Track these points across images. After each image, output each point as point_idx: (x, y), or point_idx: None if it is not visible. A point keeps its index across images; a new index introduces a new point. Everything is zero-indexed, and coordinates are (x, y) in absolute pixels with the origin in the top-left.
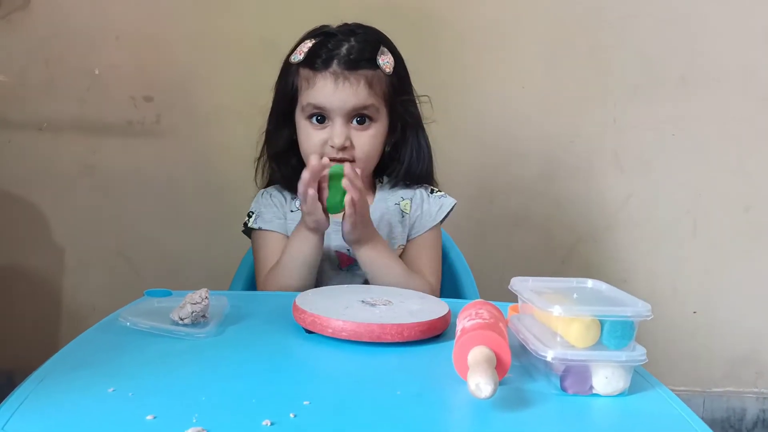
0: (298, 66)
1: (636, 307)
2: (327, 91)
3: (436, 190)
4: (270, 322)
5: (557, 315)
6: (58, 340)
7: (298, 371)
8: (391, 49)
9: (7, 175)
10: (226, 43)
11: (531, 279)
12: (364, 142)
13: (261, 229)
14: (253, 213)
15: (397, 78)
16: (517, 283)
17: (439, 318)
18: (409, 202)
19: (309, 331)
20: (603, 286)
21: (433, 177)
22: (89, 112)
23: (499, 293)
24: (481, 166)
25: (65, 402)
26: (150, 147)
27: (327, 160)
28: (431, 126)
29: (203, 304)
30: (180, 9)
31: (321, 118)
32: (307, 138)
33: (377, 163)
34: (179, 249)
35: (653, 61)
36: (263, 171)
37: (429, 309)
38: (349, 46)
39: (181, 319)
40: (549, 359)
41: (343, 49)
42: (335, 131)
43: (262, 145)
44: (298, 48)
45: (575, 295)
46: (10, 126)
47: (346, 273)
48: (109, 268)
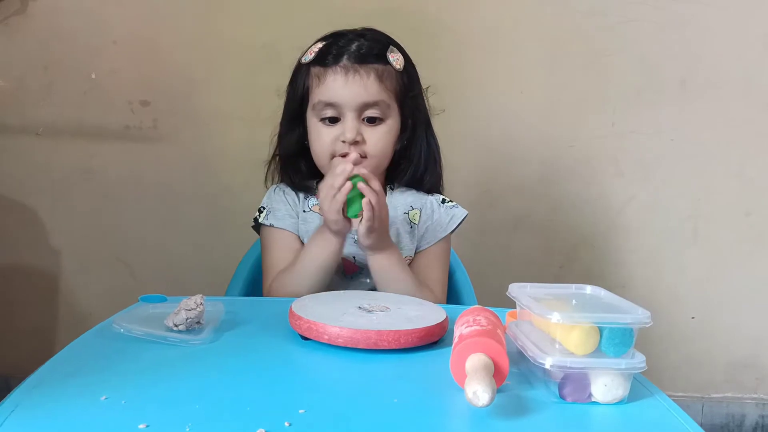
0: (308, 66)
1: (635, 314)
2: (337, 86)
3: (447, 199)
4: (266, 328)
5: (556, 322)
6: (55, 345)
7: (294, 379)
8: (399, 48)
9: (5, 179)
10: (224, 47)
11: (529, 285)
12: (376, 139)
13: (273, 226)
14: (264, 208)
15: (407, 76)
16: (516, 290)
17: (437, 324)
18: (419, 213)
19: (305, 338)
20: (602, 292)
21: (441, 178)
22: (87, 116)
23: (498, 299)
24: (480, 170)
25: (58, 409)
26: (147, 151)
27: (350, 166)
28: (437, 123)
29: (198, 310)
30: (178, 14)
31: (332, 118)
32: (318, 136)
33: (388, 163)
34: (177, 253)
35: (653, 66)
36: (273, 173)
37: (426, 315)
38: (359, 44)
39: (176, 325)
40: (547, 366)
41: (353, 46)
42: (346, 126)
43: (274, 148)
44: (309, 49)
45: (574, 301)
46: (8, 131)
47: (350, 281)
48: (106, 272)
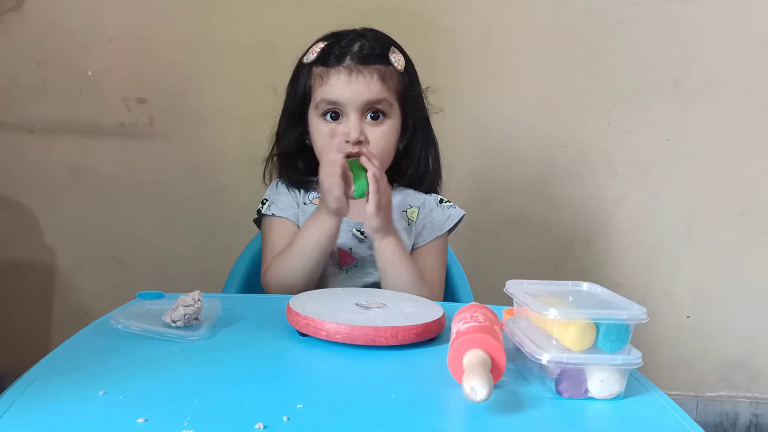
0: (310, 66)
1: (631, 311)
2: (340, 85)
3: (445, 199)
4: (263, 324)
5: (553, 318)
6: (49, 344)
7: (292, 374)
8: (399, 48)
9: None
10: (219, 45)
11: (526, 282)
12: (379, 137)
13: (274, 215)
14: (267, 200)
15: (408, 77)
16: (513, 286)
17: (434, 321)
18: (417, 210)
19: (303, 334)
20: (598, 289)
21: (440, 178)
22: (82, 114)
23: (494, 297)
24: (476, 170)
25: (55, 405)
26: (143, 149)
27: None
28: (434, 123)
29: (196, 306)
30: (173, 11)
31: (335, 114)
32: (320, 135)
33: (390, 163)
34: (172, 252)
35: (649, 67)
36: (272, 171)
37: (424, 312)
38: (362, 44)
39: (174, 321)
40: (544, 362)
41: (355, 46)
42: (350, 125)
43: (272, 146)
44: (310, 49)
45: (571, 298)
46: (2, 128)
47: (345, 274)
48: (101, 271)
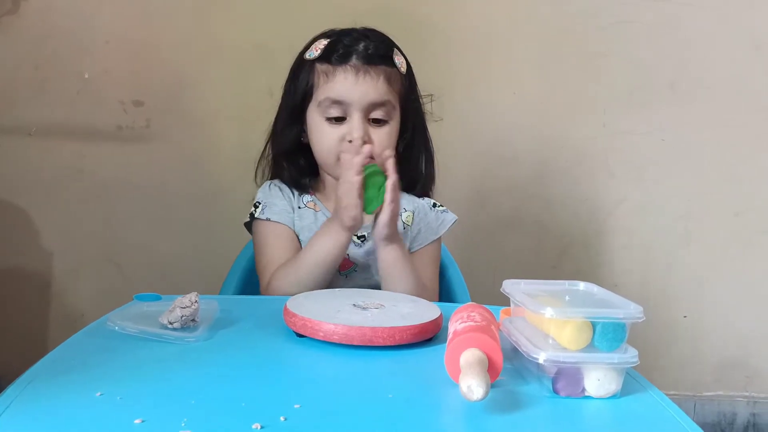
0: (313, 62)
1: (628, 309)
2: (348, 84)
3: (437, 204)
4: (261, 326)
5: (549, 317)
6: (46, 346)
7: (289, 375)
8: (399, 50)
9: None
10: (217, 47)
11: (523, 282)
12: (382, 139)
13: (270, 220)
14: (260, 203)
15: (408, 80)
16: (509, 286)
17: (431, 321)
18: (411, 215)
19: (300, 335)
20: (595, 288)
21: (434, 182)
22: (79, 116)
23: (491, 297)
24: (472, 171)
25: (52, 406)
26: (140, 152)
27: (363, 156)
28: (430, 124)
29: (193, 308)
30: (171, 13)
31: (338, 118)
32: (323, 135)
33: None
34: (169, 254)
35: (644, 68)
36: (264, 171)
37: (421, 312)
38: (366, 43)
39: (171, 323)
40: (541, 361)
41: (360, 45)
42: (354, 125)
43: (265, 145)
44: (312, 45)
45: (567, 297)
46: None
47: (345, 279)
48: (98, 273)
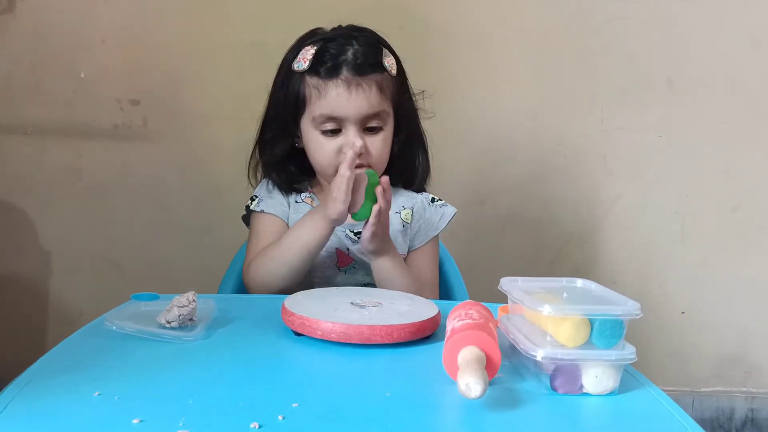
0: (302, 74)
1: (625, 306)
2: (341, 101)
3: (436, 198)
4: (258, 324)
5: (547, 314)
6: (44, 345)
7: (287, 374)
8: (389, 48)
9: None
10: (214, 46)
11: (521, 279)
12: (378, 147)
13: (264, 212)
14: (256, 197)
15: (399, 78)
16: (507, 283)
17: (429, 319)
18: (410, 212)
19: (298, 334)
20: (592, 285)
21: (429, 175)
22: (75, 115)
23: (489, 295)
24: (470, 169)
25: (50, 405)
26: (137, 150)
27: (357, 148)
28: (427, 123)
29: (190, 307)
30: (167, 12)
31: (333, 129)
32: (320, 148)
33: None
34: (167, 253)
35: (641, 65)
36: (256, 173)
37: (418, 310)
38: (354, 50)
39: (168, 322)
40: (539, 359)
41: (348, 54)
42: (350, 138)
43: (254, 148)
44: (300, 55)
45: (565, 294)
46: None
47: (344, 275)
48: (96, 272)
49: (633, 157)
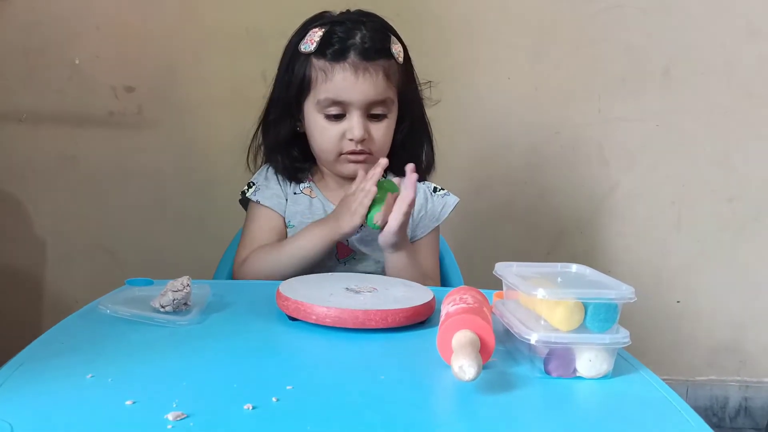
0: (309, 56)
1: (619, 290)
2: (347, 85)
3: (438, 187)
4: (253, 309)
5: (541, 298)
6: (39, 333)
7: (282, 357)
8: (396, 36)
9: None
10: (209, 32)
11: (515, 264)
12: (381, 135)
13: (259, 202)
14: (254, 184)
15: (405, 66)
16: (502, 268)
17: (424, 304)
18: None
19: (293, 318)
20: (587, 270)
21: (433, 164)
22: (70, 102)
23: (486, 284)
24: (467, 158)
25: (44, 387)
26: (132, 138)
27: (380, 170)
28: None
29: (185, 291)
30: None
31: (338, 114)
32: (323, 132)
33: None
34: (162, 241)
35: (638, 54)
36: (256, 158)
37: (413, 295)
38: (362, 35)
39: (163, 306)
40: (533, 342)
41: (357, 38)
42: (354, 123)
43: (256, 130)
44: (307, 37)
45: (559, 279)
46: None
47: (344, 266)
48: (91, 261)
49: (630, 147)
